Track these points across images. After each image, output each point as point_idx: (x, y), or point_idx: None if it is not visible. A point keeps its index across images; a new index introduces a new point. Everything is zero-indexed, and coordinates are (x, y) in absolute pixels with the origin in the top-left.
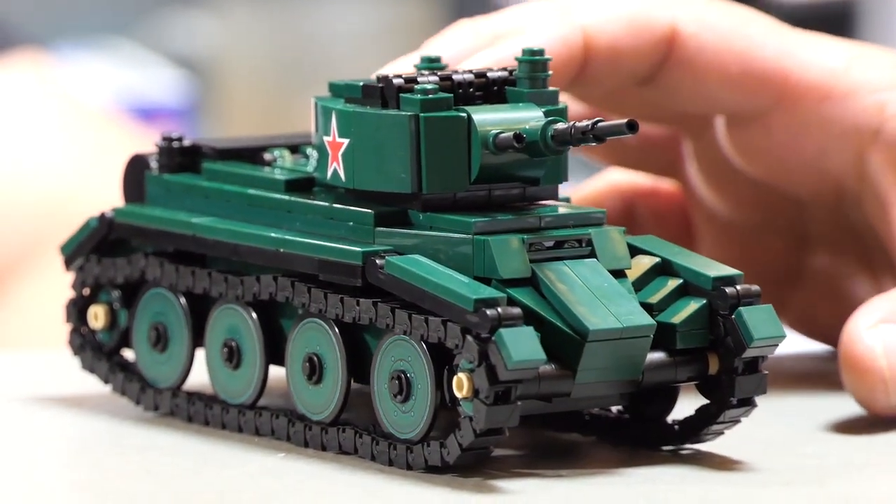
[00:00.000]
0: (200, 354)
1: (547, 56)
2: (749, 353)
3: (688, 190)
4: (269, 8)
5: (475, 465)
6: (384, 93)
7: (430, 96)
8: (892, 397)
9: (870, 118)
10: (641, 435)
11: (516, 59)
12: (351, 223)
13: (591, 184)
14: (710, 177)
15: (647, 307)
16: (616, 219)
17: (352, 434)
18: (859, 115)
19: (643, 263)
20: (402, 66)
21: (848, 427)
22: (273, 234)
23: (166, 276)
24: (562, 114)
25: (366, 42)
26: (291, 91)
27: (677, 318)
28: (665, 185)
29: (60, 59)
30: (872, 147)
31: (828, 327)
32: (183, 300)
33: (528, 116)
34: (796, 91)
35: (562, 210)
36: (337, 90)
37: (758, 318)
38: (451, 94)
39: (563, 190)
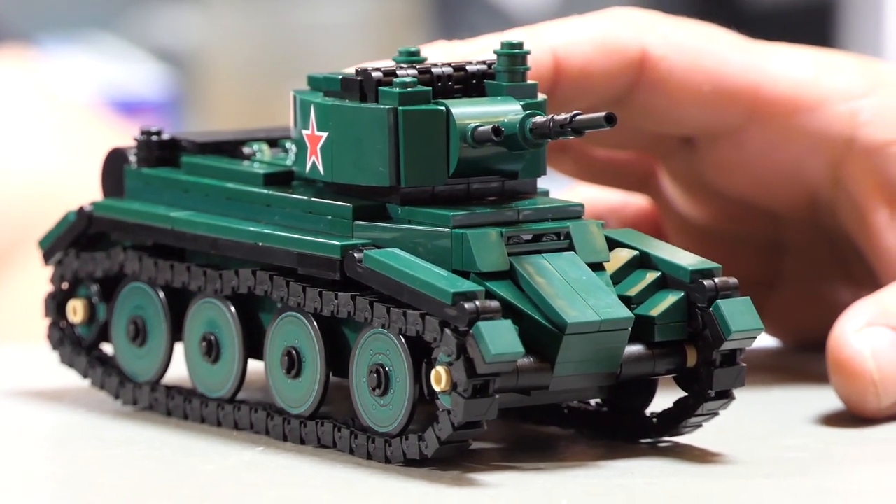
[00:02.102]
0: (179, 348)
1: (526, 49)
2: (727, 345)
3: (661, 204)
4: (252, 1)
5: (453, 458)
6: (363, 86)
7: (409, 90)
8: (882, 400)
9: (842, 127)
10: (620, 428)
11: (495, 52)
12: (329, 217)
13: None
14: (683, 194)
15: (626, 300)
16: None
17: (330, 428)
18: (832, 125)
19: (621, 256)
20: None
21: (827, 420)
22: (252, 228)
23: (145, 270)
24: (540, 107)
25: (349, 36)
26: (275, 85)
27: (655, 311)
28: (635, 199)
29: (44, 54)
30: (846, 155)
31: (805, 332)
32: (162, 294)
33: (507, 110)
34: (767, 105)
35: (540, 203)
36: (316, 83)
37: (736, 311)
38: (430, 88)
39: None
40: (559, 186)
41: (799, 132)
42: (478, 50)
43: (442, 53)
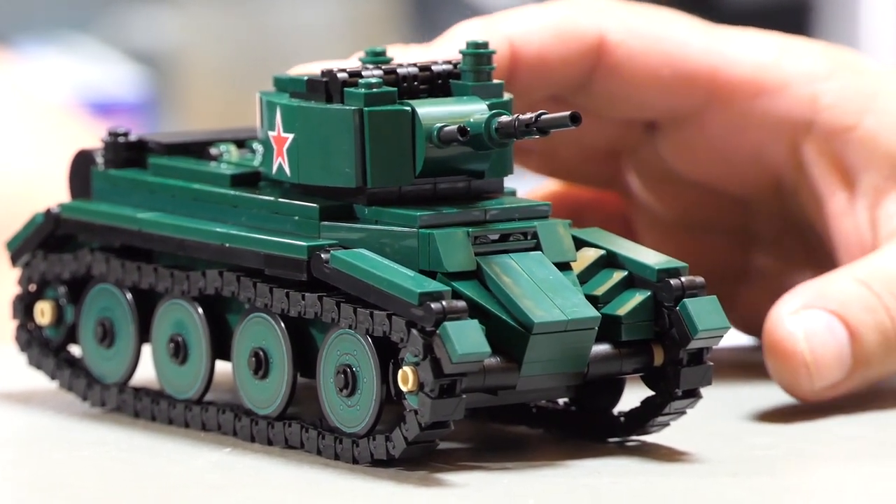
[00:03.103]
0: (147, 350)
1: (491, 49)
2: (694, 344)
3: (629, 198)
4: (228, 2)
5: (421, 458)
6: (328, 87)
7: (374, 90)
8: (815, 382)
9: (803, 110)
10: (588, 427)
11: (460, 52)
12: (296, 218)
13: (534, 192)
14: (650, 188)
15: (593, 299)
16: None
17: (298, 428)
18: (793, 108)
19: (588, 256)
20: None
21: (793, 417)
22: (219, 229)
23: (112, 272)
24: (506, 107)
25: (326, 37)
26: (251, 86)
27: (622, 311)
28: (607, 193)
29: (19, 54)
30: (807, 138)
31: None
32: (129, 296)
33: (473, 109)
34: (727, 88)
35: (507, 203)
36: (282, 85)
37: (702, 310)
38: (396, 88)
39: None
40: (529, 184)
41: (760, 115)
42: (433, 46)
43: (400, 52)
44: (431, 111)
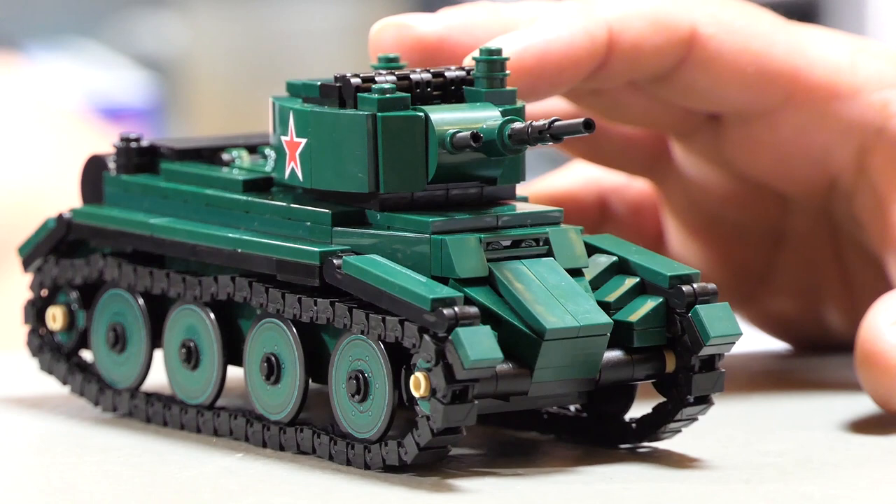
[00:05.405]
0: (159, 355)
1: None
2: (706, 351)
3: (663, 189)
4: (235, 8)
5: (433, 464)
6: (342, 92)
7: (388, 96)
8: None
9: (874, 116)
10: (599, 433)
11: (474, 58)
12: (308, 223)
13: (563, 176)
14: (700, 172)
15: (605, 306)
16: (591, 213)
17: (310, 434)
18: (864, 113)
19: (600, 262)
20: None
21: (806, 425)
22: (231, 235)
23: (124, 277)
24: (519, 113)
25: (332, 42)
26: (258, 91)
27: (634, 317)
28: (637, 181)
29: (28, 60)
30: (875, 144)
31: (793, 326)
32: (141, 301)
33: (486, 116)
34: (805, 90)
35: (519, 209)
36: (294, 90)
37: (714, 317)
38: (409, 94)
39: (532, 183)
40: (554, 166)
41: (833, 118)
42: (522, 12)
43: (485, 12)
44: (444, 117)
